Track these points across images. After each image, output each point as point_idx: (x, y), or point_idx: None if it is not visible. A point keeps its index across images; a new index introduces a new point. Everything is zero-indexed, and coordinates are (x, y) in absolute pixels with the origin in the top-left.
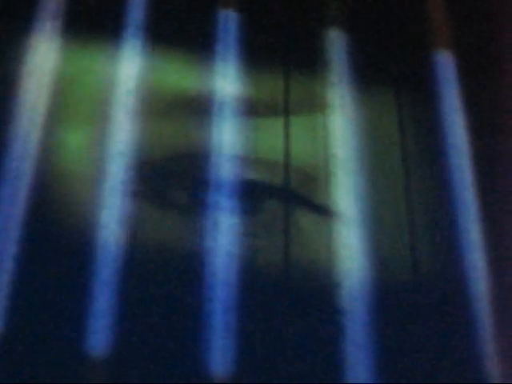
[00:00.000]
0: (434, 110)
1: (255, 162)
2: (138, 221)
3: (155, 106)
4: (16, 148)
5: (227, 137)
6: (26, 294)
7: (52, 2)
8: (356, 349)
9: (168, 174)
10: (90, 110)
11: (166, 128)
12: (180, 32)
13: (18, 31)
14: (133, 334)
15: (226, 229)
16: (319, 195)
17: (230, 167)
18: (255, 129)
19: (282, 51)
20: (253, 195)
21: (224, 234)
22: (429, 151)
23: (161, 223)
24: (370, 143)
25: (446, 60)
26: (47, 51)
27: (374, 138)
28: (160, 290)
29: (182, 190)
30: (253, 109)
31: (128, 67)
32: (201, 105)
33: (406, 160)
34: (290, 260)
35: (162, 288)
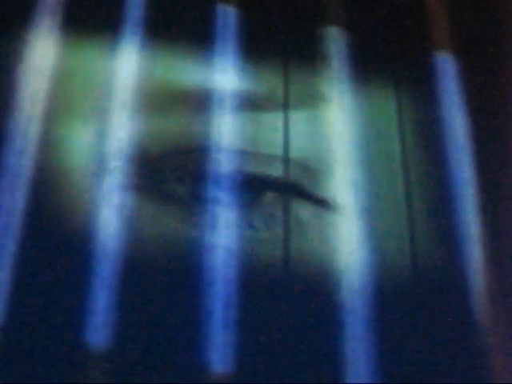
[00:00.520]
0: (433, 104)
1: (255, 156)
2: (138, 216)
3: (154, 102)
4: (15, 144)
5: (227, 131)
6: (25, 290)
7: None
8: (356, 343)
9: (168, 169)
10: (88, 105)
11: (165, 123)
12: (179, 27)
13: (17, 27)
14: (132, 329)
15: (225, 223)
16: (319, 189)
17: (230, 161)
18: (255, 123)
19: (281, 46)
20: (252, 189)
21: (223, 228)
22: (428, 145)
23: (160, 218)
24: (369, 137)
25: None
26: (46, 47)
27: (373, 131)
28: (159, 285)
29: (181, 184)
30: (252, 103)
31: (127, 63)
32: (200, 100)
33: (405, 153)
34: (290, 254)
35: (162, 283)
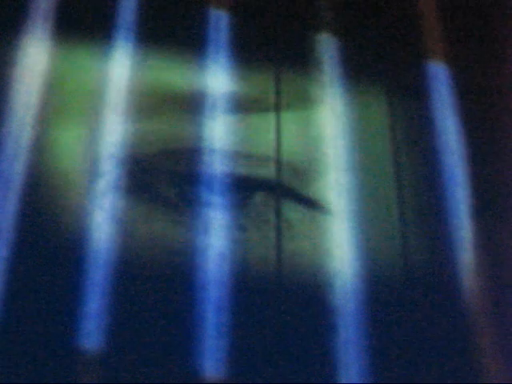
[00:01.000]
0: (425, 108)
1: (245, 158)
2: (130, 219)
3: (146, 105)
4: (7, 149)
5: (219, 134)
6: (17, 294)
7: (43, 4)
8: (348, 346)
9: (160, 172)
10: (81, 110)
11: (156, 126)
12: (171, 31)
13: (9, 32)
14: (124, 333)
15: (217, 226)
16: (310, 192)
17: (220, 163)
18: (247, 126)
19: (273, 50)
20: (244, 191)
21: (215, 230)
22: (420, 148)
23: (152, 221)
24: (361, 140)
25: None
26: (38, 52)
27: (364, 134)
28: (152, 289)
29: (174, 187)
30: (244, 107)
31: (119, 67)
32: (192, 102)
33: (396, 157)
34: (282, 258)
35: (154, 287)
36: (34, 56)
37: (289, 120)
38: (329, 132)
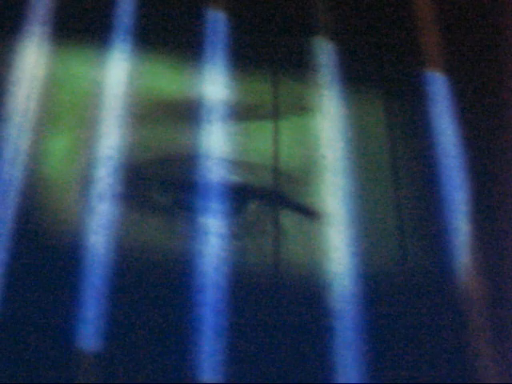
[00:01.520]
0: (424, 112)
1: (243, 166)
2: (127, 225)
3: (144, 111)
4: (5, 153)
5: (215, 140)
6: (14, 299)
7: (41, 7)
8: (346, 350)
9: (157, 178)
10: (78, 114)
11: (151, 132)
12: (168, 36)
13: (6, 36)
14: (122, 338)
15: (214, 233)
16: (308, 197)
17: (218, 171)
18: (243, 132)
19: (270, 56)
20: (241, 198)
21: (213, 237)
22: (418, 152)
23: (149, 227)
24: (359, 145)
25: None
26: (36, 56)
27: (362, 140)
28: (149, 294)
29: (170, 194)
30: (241, 112)
31: (117, 72)
32: (188, 110)
33: (395, 161)
34: (280, 262)
35: (151, 292)
36: (31, 60)
37: (286, 127)
38: (326, 138)
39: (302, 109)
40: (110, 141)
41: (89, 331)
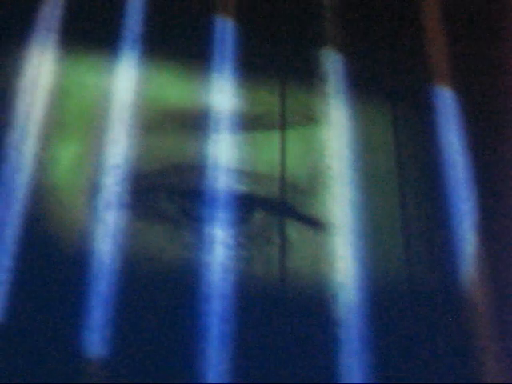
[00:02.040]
0: (431, 124)
1: (250, 175)
2: (133, 234)
3: (151, 120)
4: (11, 161)
5: (222, 150)
6: (20, 306)
7: (48, 15)
8: (353, 360)
9: (163, 188)
10: (86, 122)
11: (161, 141)
12: (177, 44)
13: (14, 44)
14: (128, 347)
15: (221, 242)
16: (314, 208)
17: (225, 180)
18: (250, 142)
19: (278, 65)
20: (247, 208)
21: (219, 247)
22: (425, 163)
23: (156, 236)
24: (366, 156)
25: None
26: (43, 64)
27: (369, 151)
28: (155, 303)
29: (177, 203)
30: (248, 122)
31: (124, 80)
32: (195, 119)
33: (401, 172)
34: (286, 272)
35: (157, 301)
36: (38, 68)
37: (293, 137)
38: (333, 149)
39: (309, 119)
40: (118, 149)
41: (94, 339)
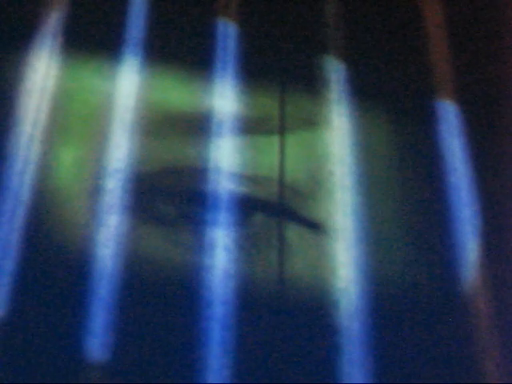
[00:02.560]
0: (432, 130)
1: (251, 180)
2: (135, 237)
3: (153, 124)
4: (15, 165)
5: (223, 154)
6: (22, 309)
7: (51, 20)
8: (353, 367)
9: (165, 190)
10: (88, 126)
11: (159, 144)
12: (178, 49)
13: (17, 48)
14: (129, 351)
15: (220, 245)
16: (314, 212)
17: (226, 184)
18: (251, 146)
19: (279, 70)
20: (248, 212)
21: (219, 250)
22: (426, 169)
23: (156, 239)
24: (367, 160)
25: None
26: (46, 68)
27: (370, 155)
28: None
29: (175, 206)
30: (249, 126)
31: (126, 84)
32: (198, 122)
33: (403, 177)
34: (286, 277)
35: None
36: (42, 72)
37: (293, 141)
38: (334, 154)
39: (309, 124)
40: (120, 153)
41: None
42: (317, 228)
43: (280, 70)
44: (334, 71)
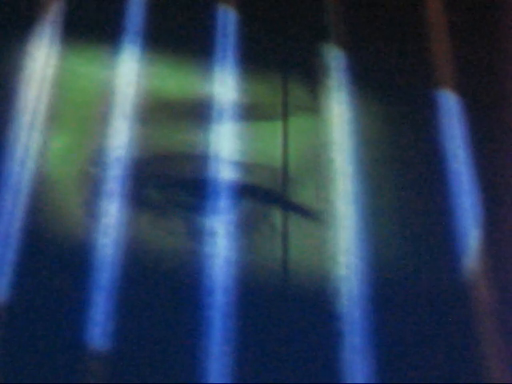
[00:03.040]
0: (433, 116)
1: (253, 167)
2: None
3: (153, 112)
4: (15, 154)
5: (223, 141)
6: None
7: (51, 9)
8: (354, 354)
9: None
10: (87, 114)
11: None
12: (179, 37)
13: (17, 37)
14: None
15: (222, 234)
16: (317, 200)
17: (226, 171)
18: (251, 133)
19: (279, 57)
20: (249, 200)
21: (221, 238)
22: (427, 156)
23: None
24: (367, 148)
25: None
26: (46, 57)
27: (370, 142)
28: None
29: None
30: (249, 114)
31: (126, 73)
32: (198, 109)
33: (403, 166)
34: (288, 266)
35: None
36: (42, 61)
37: (293, 129)
38: (334, 140)
39: (309, 111)
40: (119, 141)
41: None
42: (317, 215)
43: (280, 58)
44: (335, 58)
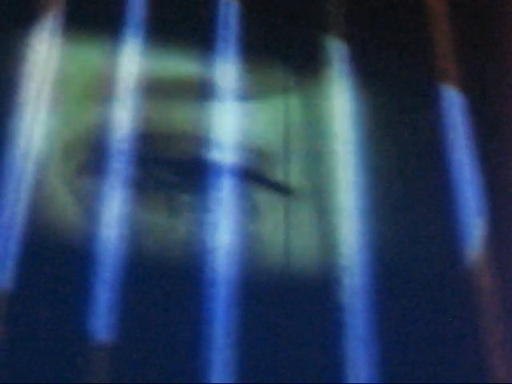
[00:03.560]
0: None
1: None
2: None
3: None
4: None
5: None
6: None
7: (53, 1)
8: (357, 344)
9: (131, 155)
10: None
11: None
12: (180, 26)
13: (19, 29)
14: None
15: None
16: (320, 190)
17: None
18: (254, 123)
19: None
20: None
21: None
22: (430, 147)
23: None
24: (370, 138)
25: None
26: (48, 49)
27: (372, 133)
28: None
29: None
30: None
31: (128, 64)
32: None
33: (406, 155)
34: (291, 256)
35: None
36: (44, 52)
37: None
38: (336, 131)
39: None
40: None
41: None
42: (319, 206)
43: (282, 49)
44: (337, 50)
